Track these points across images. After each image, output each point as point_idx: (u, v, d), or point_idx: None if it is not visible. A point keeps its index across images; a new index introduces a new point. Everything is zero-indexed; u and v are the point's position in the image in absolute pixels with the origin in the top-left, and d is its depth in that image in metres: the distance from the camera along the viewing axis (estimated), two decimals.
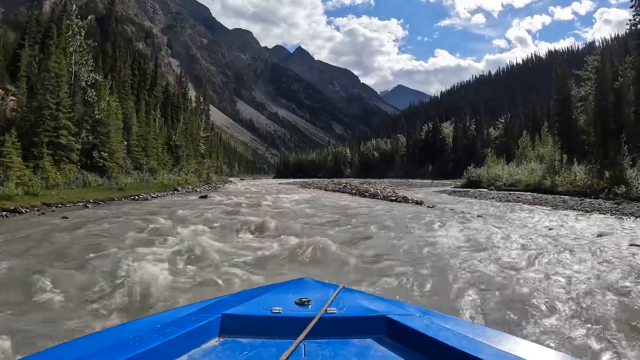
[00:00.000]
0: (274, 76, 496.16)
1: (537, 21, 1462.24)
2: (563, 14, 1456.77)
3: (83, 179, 20.98)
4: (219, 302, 1.35)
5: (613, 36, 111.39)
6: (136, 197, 19.54)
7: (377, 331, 1.14)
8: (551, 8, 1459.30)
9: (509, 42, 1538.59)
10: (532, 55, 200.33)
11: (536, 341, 1.58)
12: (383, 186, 29.70)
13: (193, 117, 46.52)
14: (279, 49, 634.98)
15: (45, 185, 18.02)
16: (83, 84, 24.70)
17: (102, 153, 23.43)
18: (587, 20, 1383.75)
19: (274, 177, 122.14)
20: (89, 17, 44.56)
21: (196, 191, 28.14)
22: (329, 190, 28.48)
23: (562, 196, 21.20)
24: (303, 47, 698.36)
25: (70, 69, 24.25)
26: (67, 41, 24.35)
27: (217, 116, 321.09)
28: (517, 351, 0.99)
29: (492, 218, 10.14)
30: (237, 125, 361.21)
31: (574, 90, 39.05)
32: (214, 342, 1.08)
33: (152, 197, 21.04)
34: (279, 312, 1.18)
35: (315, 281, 1.73)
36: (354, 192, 22.46)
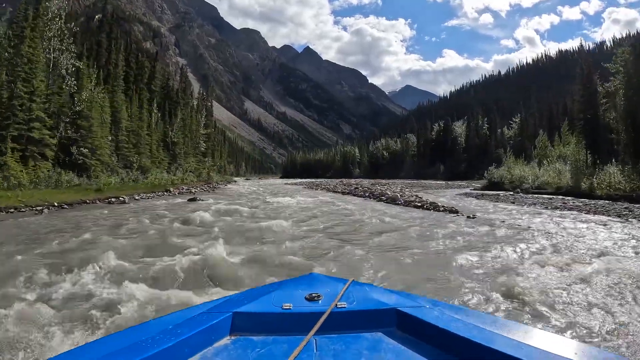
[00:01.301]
0: (282, 76, 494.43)
1: (546, 21, 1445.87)
2: (571, 13, 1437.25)
3: (56, 178, 18.31)
4: (229, 301, 1.33)
5: (624, 35, 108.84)
6: (112, 199, 16.81)
7: (387, 324, 1.13)
8: (559, 8, 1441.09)
9: (517, 42, 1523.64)
10: (542, 55, 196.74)
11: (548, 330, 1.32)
12: (398, 188, 26.61)
13: (193, 113, 43.74)
14: (286, 48, 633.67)
15: (6, 186, 15.42)
16: (63, 72, 22.07)
17: (81, 149, 20.75)
18: (596, 20, 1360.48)
19: (281, 177, 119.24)
20: (97, 17, 42.59)
21: (191, 192, 25.42)
22: (338, 192, 25.48)
23: (610, 202, 18.15)
24: (310, 47, 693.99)
25: (49, 55, 21.66)
26: (45, 25, 21.71)
27: (224, 115, 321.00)
28: (529, 339, 0.98)
29: (567, 238, 7.12)
30: (245, 125, 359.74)
31: (603, 85, 36.48)
32: (226, 340, 1.07)
33: (135, 199, 18.33)
34: (290, 309, 1.16)
35: (325, 276, 1.73)
36: (367, 194, 19.36)
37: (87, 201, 15.99)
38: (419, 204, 13.05)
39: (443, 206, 12.41)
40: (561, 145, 39.28)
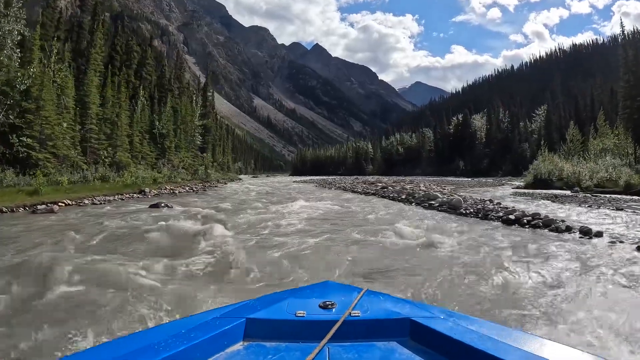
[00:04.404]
0: (291, 73, 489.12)
1: (554, 15, 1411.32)
2: (580, 7, 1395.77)
3: None
4: (243, 307, 1.31)
5: (638, 28, 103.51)
6: (43, 206, 11.81)
7: (401, 334, 1.11)
8: (568, 1, 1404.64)
9: (525, 37, 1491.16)
10: (556, 49, 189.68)
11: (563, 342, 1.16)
12: (434, 187, 21.30)
13: (188, 102, 38.65)
14: (295, 45, 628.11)
15: None
16: (8, 42, 17.23)
17: (23, 139, 15.83)
18: (605, 13, 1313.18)
19: (290, 175, 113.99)
20: (104, 15, 38.38)
21: (175, 194, 20.49)
22: (358, 192, 20.21)
23: None
24: (319, 43, 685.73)
25: None
26: None
27: (233, 112, 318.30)
28: (544, 352, 0.96)
29: None
30: (254, 122, 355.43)
31: None
32: (238, 346, 1.06)
33: (82, 204, 13.36)
34: (303, 316, 1.15)
35: (339, 284, 1.70)
36: (402, 197, 13.98)
37: (4, 209, 11.07)
38: (512, 218, 7.62)
39: (563, 222, 7.02)
40: (603, 138, 34.90)
